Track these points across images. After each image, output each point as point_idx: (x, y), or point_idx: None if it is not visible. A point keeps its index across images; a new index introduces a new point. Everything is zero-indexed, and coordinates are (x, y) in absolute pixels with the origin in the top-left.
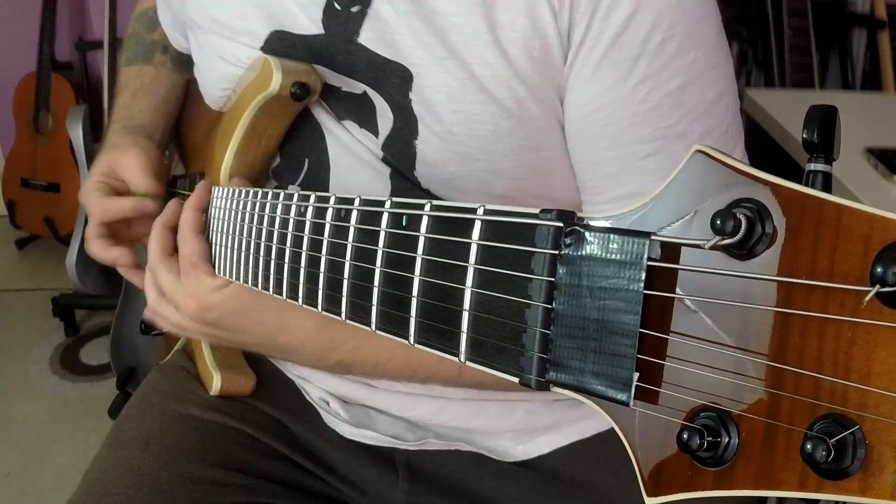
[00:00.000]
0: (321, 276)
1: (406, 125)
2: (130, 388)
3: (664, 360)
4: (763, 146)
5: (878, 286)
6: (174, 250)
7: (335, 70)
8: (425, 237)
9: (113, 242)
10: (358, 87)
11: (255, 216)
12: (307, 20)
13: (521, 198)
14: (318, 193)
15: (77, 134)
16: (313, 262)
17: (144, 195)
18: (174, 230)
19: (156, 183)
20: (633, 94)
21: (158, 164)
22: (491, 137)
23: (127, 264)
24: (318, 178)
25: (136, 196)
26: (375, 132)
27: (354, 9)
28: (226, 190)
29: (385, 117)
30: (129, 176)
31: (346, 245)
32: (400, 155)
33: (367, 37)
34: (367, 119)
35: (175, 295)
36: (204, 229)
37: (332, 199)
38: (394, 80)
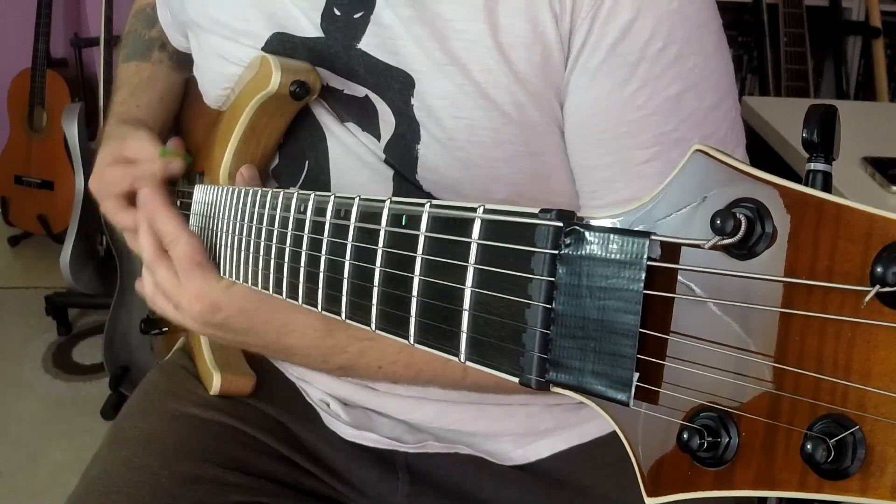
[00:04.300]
0: (321, 275)
1: (408, 130)
2: (124, 388)
3: (664, 360)
4: (760, 154)
5: (878, 286)
6: None
7: (336, 73)
8: (425, 236)
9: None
10: (360, 91)
11: (255, 215)
12: (307, 23)
13: (522, 203)
14: (318, 193)
15: (72, 131)
16: (313, 262)
17: (170, 153)
18: None
19: (177, 142)
20: (632, 100)
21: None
22: (491, 143)
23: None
24: (319, 180)
25: (162, 156)
26: (377, 136)
27: (357, 14)
28: (225, 189)
29: (387, 122)
30: (142, 150)
31: (346, 244)
32: (401, 159)
33: (369, 42)
34: (368, 122)
35: (175, 294)
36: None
37: (332, 198)
38: (395, 85)
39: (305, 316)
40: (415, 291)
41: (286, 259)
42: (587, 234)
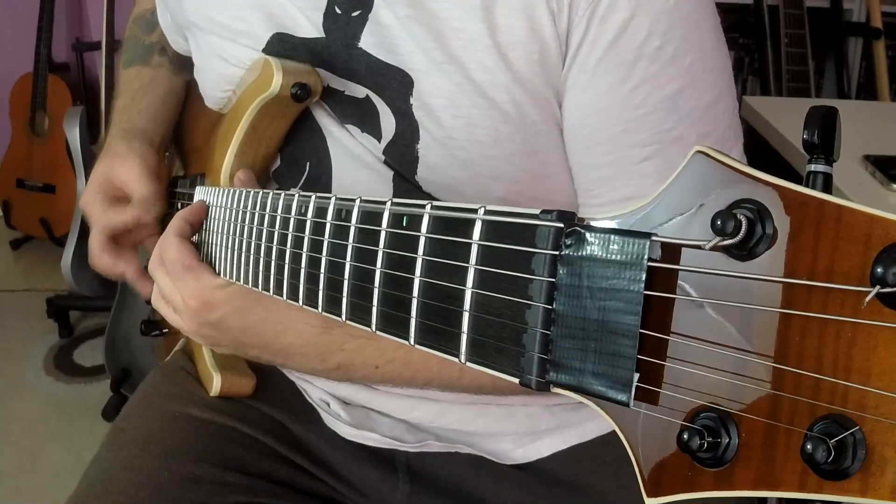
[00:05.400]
0: (321, 276)
1: (408, 130)
2: (125, 390)
3: (664, 361)
4: (761, 153)
5: (878, 287)
6: None
7: (336, 74)
8: (426, 237)
9: (118, 254)
10: (360, 91)
11: (256, 216)
12: (308, 23)
13: (521, 202)
14: (319, 194)
15: (74, 135)
16: (313, 263)
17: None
18: None
19: (155, 187)
20: (630, 98)
21: (157, 168)
22: (491, 142)
23: (134, 275)
24: (320, 181)
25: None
26: (378, 136)
27: (355, 13)
28: (226, 191)
29: (387, 122)
30: (128, 183)
31: (347, 245)
32: (401, 159)
33: (368, 41)
34: (369, 123)
35: (172, 297)
36: (190, 237)
37: (333, 199)
38: (394, 84)
39: (303, 314)
40: (415, 292)
41: (287, 260)
42: (588, 234)
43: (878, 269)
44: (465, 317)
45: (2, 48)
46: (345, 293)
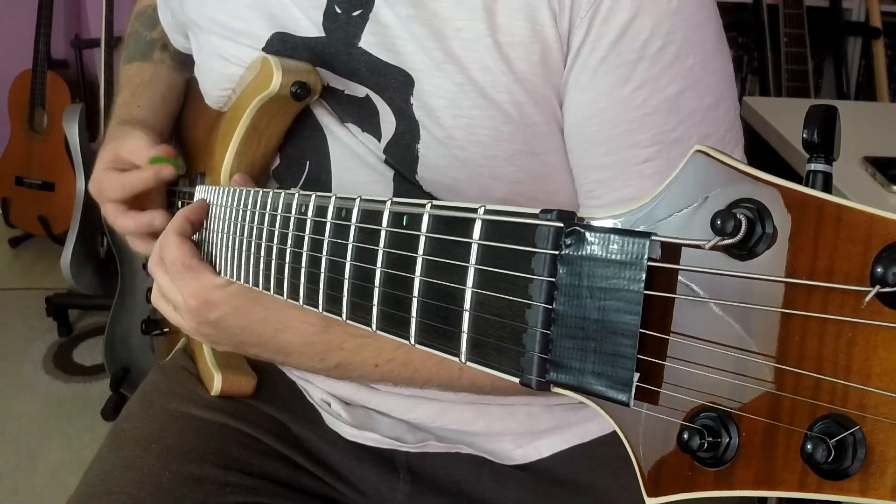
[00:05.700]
0: (322, 275)
1: (408, 130)
2: (124, 389)
3: (664, 361)
4: (760, 153)
5: (878, 286)
6: None
7: (337, 73)
8: (426, 237)
9: (141, 208)
10: (360, 91)
11: (256, 216)
12: (308, 23)
13: (522, 202)
14: (319, 193)
15: (73, 132)
16: (314, 262)
17: (160, 160)
18: None
19: (167, 149)
20: (631, 99)
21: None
22: (491, 143)
23: (161, 224)
24: (320, 180)
25: (152, 163)
26: (378, 136)
27: (356, 13)
28: (226, 190)
29: (387, 121)
30: (138, 153)
31: (347, 245)
32: (402, 159)
33: (369, 41)
34: (369, 122)
35: (171, 295)
36: (190, 236)
37: (333, 198)
38: (394, 84)
39: (302, 313)
40: (415, 292)
41: (287, 259)
42: (588, 234)
43: (878, 269)
44: (465, 316)
45: (0, 45)
46: (345, 292)
